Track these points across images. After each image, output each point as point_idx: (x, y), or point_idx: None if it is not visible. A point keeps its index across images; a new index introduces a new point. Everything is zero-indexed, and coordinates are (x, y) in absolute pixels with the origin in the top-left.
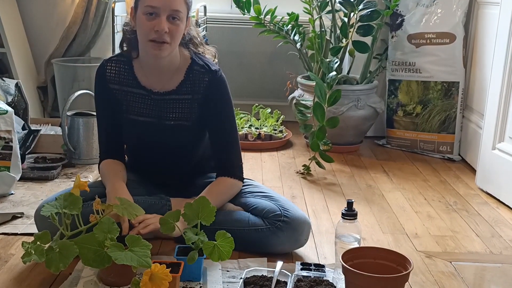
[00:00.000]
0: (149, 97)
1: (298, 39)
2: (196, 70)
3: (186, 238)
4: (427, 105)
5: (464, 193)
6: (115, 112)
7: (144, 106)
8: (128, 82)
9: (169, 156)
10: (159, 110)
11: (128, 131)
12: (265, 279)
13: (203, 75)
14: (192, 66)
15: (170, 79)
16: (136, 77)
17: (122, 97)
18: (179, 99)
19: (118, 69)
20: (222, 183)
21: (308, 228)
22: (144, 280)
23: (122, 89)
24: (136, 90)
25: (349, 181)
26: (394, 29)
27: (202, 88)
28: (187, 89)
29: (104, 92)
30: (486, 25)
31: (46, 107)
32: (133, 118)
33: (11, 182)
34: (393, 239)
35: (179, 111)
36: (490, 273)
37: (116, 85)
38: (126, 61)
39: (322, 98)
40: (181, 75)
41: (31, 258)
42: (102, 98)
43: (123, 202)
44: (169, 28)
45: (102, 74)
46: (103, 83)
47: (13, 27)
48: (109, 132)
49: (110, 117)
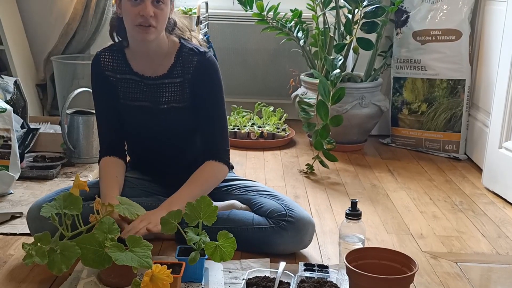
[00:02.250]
0: (142, 82)
1: (302, 36)
2: (185, 52)
3: (187, 239)
4: (432, 103)
5: (470, 193)
6: (113, 100)
7: (138, 91)
8: (122, 69)
9: (167, 145)
10: (152, 95)
11: (127, 117)
12: (268, 280)
13: (192, 57)
14: (182, 50)
15: (161, 63)
16: (129, 63)
17: (118, 84)
18: (171, 83)
19: (111, 57)
20: (208, 169)
21: (313, 229)
22: (145, 281)
23: (116, 76)
24: (129, 76)
25: (353, 181)
26: (399, 26)
27: (192, 68)
28: (178, 72)
29: (101, 80)
30: (493, 22)
31: (45, 105)
32: (129, 104)
33: (10, 181)
34: (398, 239)
35: (172, 94)
36: (497, 274)
37: (111, 72)
38: (119, 50)
39: (326, 96)
40: (171, 59)
41: (33, 260)
42: (100, 87)
43: (124, 201)
44: (154, 12)
45: (97, 63)
46: (99, 71)
47: (12, 24)
48: (109, 122)
49: (109, 106)
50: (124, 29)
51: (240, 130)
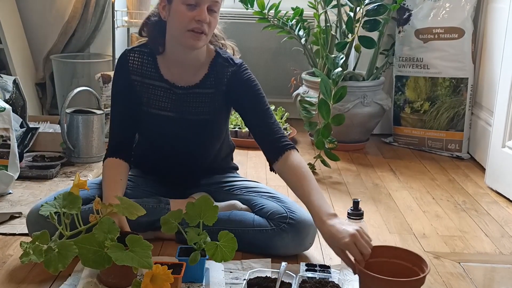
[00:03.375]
0: (171, 91)
1: (303, 35)
2: (220, 63)
3: (188, 239)
4: (435, 102)
5: (473, 192)
6: (133, 104)
7: (166, 100)
8: (151, 75)
9: (183, 153)
10: (181, 104)
11: (148, 125)
12: (269, 280)
13: (226, 68)
14: (217, 60)
15: (194, 73)
16: (159, 69)
17: (143, 89)
18: (202, 93)
19: (141, 60)
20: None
21: (314, 231)
22: (145, 281)
23: (143, 81)
24: (158, 83)
25: (355, 180)
26: (401, 24)
27: (226, 79)
28: (211, 83)
29: (125, 83)
30: (496, 20)
31: (44, 105)
32: (153, 112)
33: (9, 181)
34: (400, 239)
35: (202, 105)
36: (500, 274)
37: (138, 76)
38: (149, 53)
39: (328, 95)
40: (205, 68)
41: (30, 258)
42: (122, 89)
43: (124, 202)
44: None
45: (124, 63)
46: (124, 73)
47: (11, 22)
48: (122, 124)
49: (126, 109)
50: (162, 34)
51: (241, 130)
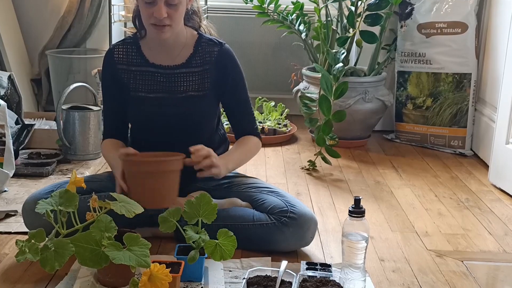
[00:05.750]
0: (158, 73)
1: (303, 29)
2: (204, 43)
3: (186, 237)
4: (437, 97)
5: (476, 190)
6: (122, 92)
7: (153, 82)
8: (137, 62)
9: (177, 133)
10: (169, 84)
11: (136, 109)
12: (269, 279)
13: (211, 47)
14: (200, 40)
15: (179, 54)
16: (144, 55)
17: (131, 76)
18: (190, 72)
19: (125, 50)
20: (249, 140)
21: (315, 225)
22: (143, 280)
23: (129, 69)
24: (144, 69)
25: (357, 177)
26: (403, 19)
27: (213, 58)
28: (197, 62)
29: (112, 73)
30: (500, 14)
31: (40, 101)
32: (141, 96)
33: (4, 179)
34: (402, 237)
35: (190, 83)
36: (503, 273)
37: (124, 65)
38: (133, 42)
39: (328, 90)
40: (190, 49)
41: (25, 257)
42: (109, 78)
43: (121, 199)
44: (168, 12)
45: (110, 56)
46: (111, 64)
47: (6, 17)
48: (114, 112)
49: (116, 97)
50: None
51: None
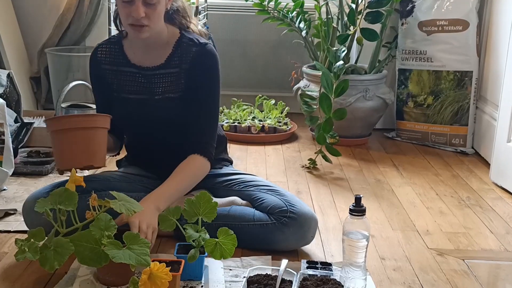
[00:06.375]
0: (139, 74)
1: (304, 27)
2: (185, 42)
3: (186, 236)
4: (439, 95)
5: (478, 188)
6: (108, 91)
7: (134, 84)
8: (119, 62)
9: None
10: (148, 86)
11: (119, 110)
12: (270, 278)
13: (191, 47)
14: (181, 40)
15: (159, 54)
16: (126, 55)
17: (113, 76)
18: (167, 73)
19: (109, 50)
20: (193, 163)
21: (315, 224)
22: (143, 279)
23: (112, 69)
24: (126, 69)
25: (357, 176)
26: (404, 16)
27: (189, 58)
28: (175, 62)
29: (96, 73)
30: (501, 12)
31: (39, 99)
32: (124, 97)
33: (3, 178)
34: (403, 236)
35: (167, 84)
36: (505, 272)
37: (107, 65)
38: (116, 42)
39: (329, 88)
40: (169, 48)
41: (25, 256)
42: (96, 79)
43: (121, 197)
44: (145, 12)
45: (94, 56)
46: (96, 65)
47: (4, 14)
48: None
49: (104, 97)
50: None
51: (240, 124)
